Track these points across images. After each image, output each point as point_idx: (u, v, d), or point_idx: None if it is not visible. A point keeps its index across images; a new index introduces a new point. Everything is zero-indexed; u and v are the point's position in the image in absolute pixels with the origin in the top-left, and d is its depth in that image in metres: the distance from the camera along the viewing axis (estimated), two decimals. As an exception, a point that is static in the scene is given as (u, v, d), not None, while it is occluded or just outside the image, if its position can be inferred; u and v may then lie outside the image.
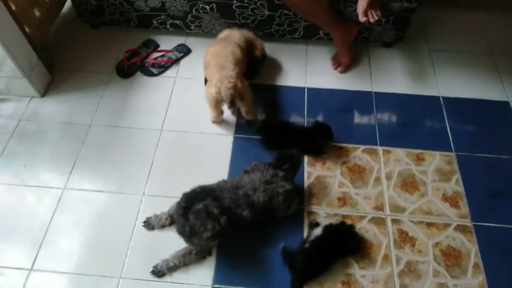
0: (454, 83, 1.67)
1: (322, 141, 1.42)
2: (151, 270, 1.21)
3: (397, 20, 1.63)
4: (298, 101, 1.61)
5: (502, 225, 1.31)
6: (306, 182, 1.39)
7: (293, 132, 1.46)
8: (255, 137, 1.49)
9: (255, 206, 1.19)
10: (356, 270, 1.22)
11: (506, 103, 1.61)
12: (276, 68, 1.72)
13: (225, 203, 1.16)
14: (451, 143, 1.49)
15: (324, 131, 1.42)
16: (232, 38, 1.53)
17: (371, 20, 1.41)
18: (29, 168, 1.43)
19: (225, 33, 1.58)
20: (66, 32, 1.84)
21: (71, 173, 1.41)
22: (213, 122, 1.53)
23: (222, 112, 1.51)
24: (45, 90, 1.63)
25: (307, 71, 1.71)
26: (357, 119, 1.57)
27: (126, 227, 1.30)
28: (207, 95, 1.42)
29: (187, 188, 1.17)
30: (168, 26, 1.77)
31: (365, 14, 1.41)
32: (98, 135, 1.51)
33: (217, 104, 1.45)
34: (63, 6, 1.83)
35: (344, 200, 1.36)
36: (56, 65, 1.71)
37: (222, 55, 1.43)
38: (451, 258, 1.25)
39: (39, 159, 1.45)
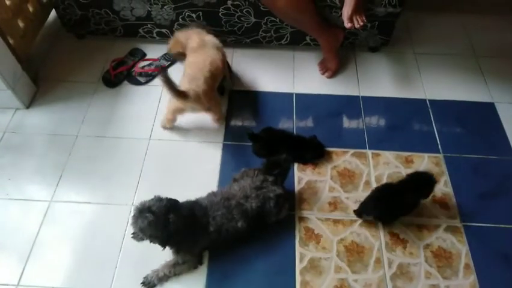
0: (439, 86, 1.69)
1: (310, 156, 1.44)
2: (141, 282, 1.19)
3: (382, 24, 1.65)
4: (286, 107, 1.61)
5: (491, 225, 1.32)
6: (297, 187, 1.39)
7: (285, 141, 1.45)
8: (244, 143, 1.48)
9: (249, 213, 1.19)
10: (349, 275, 1.22)
11: (491, 104, 1.64)
12: (264, 74, 1.72)
13: (217, 221, 1.15)
14: (439, 144, 1.51)
15: (316, 149, 1.44)
16: (210, 43, 1.47)
17: (356, 26, 1.43)
18: (14, 181, 1.40)
19: (197, 39, 1.48)
20: (51, 42, 1.82)
21: (57, 185, 1.39)
22: (162, 126, 1.53)
23: (175, 120, 1.50)
24: (30, 102, 1.61)
25: (295, 77, 1.72)
26: (346, 123, 1.57)
27: (115, 238, 1.28)
28: (171, 101, 1.41)
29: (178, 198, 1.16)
30: (155, 35, 1.76)
31: (350, 19, 1.42)
32: (85, 146, 1.49)
33: (175, 112, 1.45)
34: (48, 16, 1.81)
35: (334, 205, 1.36)
36: (41, 76, 1.69)
37: (197, 66, 1.40)
38: (442, 259, 1.25)
39: (24, 171, 1.42)
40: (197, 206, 1.17)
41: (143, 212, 1.04)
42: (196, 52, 1.44)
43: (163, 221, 1.05)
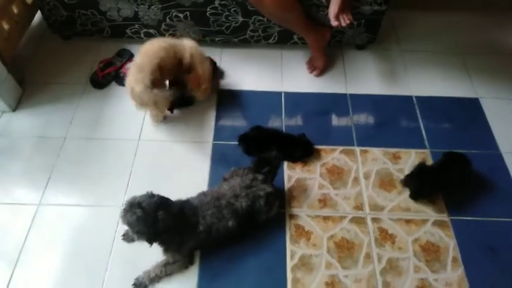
0: (425, 82, 1.72)
1: (300, 154, 1.45)
2: (132, 283, 1.19)
3: (368, 22, 1.67)
4: (275, 106, 1.62)
5: (477, 218, 1.35)
6: (287, 185, 1.40)
7: (275, 139, 1.46)
8: (234, 142, 1.48)
9: (239, 212, 1.19)
10: (339, 271, 1.23)
11: (476, 100, 1.67)
12: (252, 73, 1.73)
13: (207, 221, 1.15)
14: (425, 140, 1.53)
15: (305, 147, 1.45)
16: (174, 43, 1.46)
17: (343, 24, 1.44)
18: (1, 185, 1.38)
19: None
20: (37, 44, 1.80)
21: (46, 188, 1.38)
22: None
23: (159, 116, 1.50)
24: (17, 105, 1.59)
25: (284, 76, 1.72)
26: (334, 120, 1.59)
27: (105, 240, 1.27)
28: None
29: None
30: (142, 35, 1.75)
31: (337, 18, 1.44)
32: (74, 148, 1.48)
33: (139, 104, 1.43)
34: (33, 18, 1.79)
35: (324, 202, 1.37)
36: (28, 78, 1.67)
37: (146, 56, 1.38)
38: (430, 253, 1.27)
39: (11, 175, 1.41)
40: (187, 205, 1.17)
41: (133, 206, 1.04)
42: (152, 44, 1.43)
43: (151, 217, 1.04)
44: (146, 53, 1.39)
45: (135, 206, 1.04)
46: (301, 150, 1.45)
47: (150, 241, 1.08)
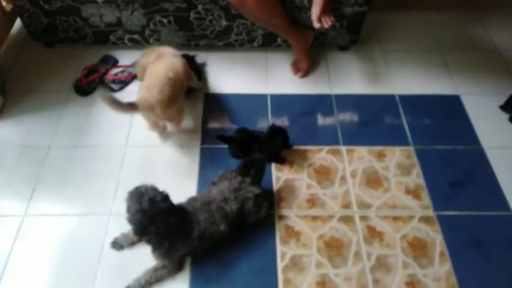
0: (407, 81, 1.75)
1: (279, 143, 1.41)
2: (123, 291, 1.18)
3: (350, 23, 1.69)
4: (261, 108, 1.63)
5: (462, 213, 1.37)
6: (275, 187, 1.41)
7: (256, 140, 1.46)
8: (222, 146, 1.49)
9: (229, 216, 1.19)
10: (330, 270, 1.24)
11: (457, 97, 1.70)
12: (238, 76, 1.73)
13: (201, 227, 1.15)
14: (409, 137, 1.56)
15: (279, 133, 1.42)
16: (167, 53, 1.43)
17: (325, 26, 1.46)
18: (-15, 196, 1.36)
19: (154, 53, 1.44)
20: (18, 52, 1.77)
21: (31, 198, 1.35)
22: (150, 130, 1.51)
23: (157, 126, 1.47)
24: (-1, 114, 1.57)
25: (269, 78, 1.74)
26: (320, 121, 1.60)
27: (94, 249, 1.25)
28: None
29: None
30: (126, 41, 1.74)
31: (319, 20, 1.45)
32: (59, 157, 1.46)
33: (148, 121, 1.43)
34: (12, 25, 1.76)
35: (312, 202, 1.38)
36: (9, 86, 1.65)
37: (154, 73, 1.34)
38: (418, 249, 1.29)
39: (-5, 186, 1.38)
40: (184, 213, 1.16)
41: (143, 196, 1.05)
42: (154, 62, 1.39)
43: (151, 218, 1.04)
44: (153, 73, 1.35)
45: (145, 198, 1.04)
46: (278, 139, 1.41)
47: (137, 234, 1.08)
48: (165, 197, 1.09)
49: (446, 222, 1.35)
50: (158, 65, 1.37)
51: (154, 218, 1.05)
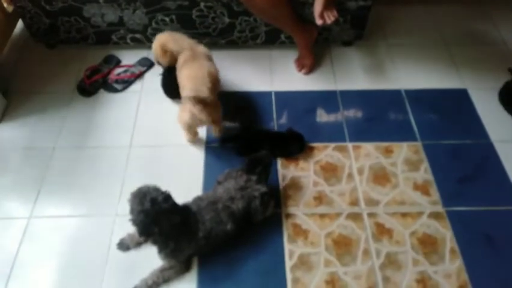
0: (413, 76, 1.73)
1: (295, 149, 1.44)
2: (130, 292, 1.17)
3: (354, 18, 1.67)
4: (266, 106, 1.61)
5: (472, 208, 1.35)
6: (281, 184, 1.39)
7: (266, 139, 1.45)
8: (227, 144, 1.47)
9: (236, 215, 1.18)
10: (338, 268, 1.23)
11: (464, 90, 1.68)
12: (242, 74, 1.72)
13: (207, 226, 1.14)
14: (416, 133, 1.54)
15: (297, 140, 1.44)
16: (199, 51, 1.42)
17: (328, 22, 1.43)
18: (-10, 199, 1.35)
19: (186, 45, 1.43)
20: (20, 53, 1.77)
21: (36, 200, 1.35)
22: (189, 141, 1.50)
23: (196, 133, 1.47)
24: (2, 116, 1.55)
25: (273, 75, 1.72)
26: (325, 118, 1.59)
27: (100, 250, 1.25)
28: (180, 119, 1.37)
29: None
30: (128, 41, 1.73)
31: (321, 16, 1.43)
32: (64, 158, 1.45)
33: (190, 128, 1.42)
34: (14, 27, 1.76)
35: (320, 199, 1.36)
36: (12, 88, 1.64)
37: (198, 78, 1.33)
38: (428, 245, 1.28)
39: (0, 188, 1.37)
40: (189, 213, 1.15)
41: (145, 197, 1.03)
42: (190, 65, 1.38)
43: (153, 218, 1.03)
44: (196, 79, 1.34)
45: (147, 199, 1.02)
46: (295, 144, 1.44)
47: (141, 235, 1.06)
48: (167, 197, 1.08)
49: (455, 217, 1.33)
50: (197, 71, 1.35)
51: (157, 218, 1.04)
